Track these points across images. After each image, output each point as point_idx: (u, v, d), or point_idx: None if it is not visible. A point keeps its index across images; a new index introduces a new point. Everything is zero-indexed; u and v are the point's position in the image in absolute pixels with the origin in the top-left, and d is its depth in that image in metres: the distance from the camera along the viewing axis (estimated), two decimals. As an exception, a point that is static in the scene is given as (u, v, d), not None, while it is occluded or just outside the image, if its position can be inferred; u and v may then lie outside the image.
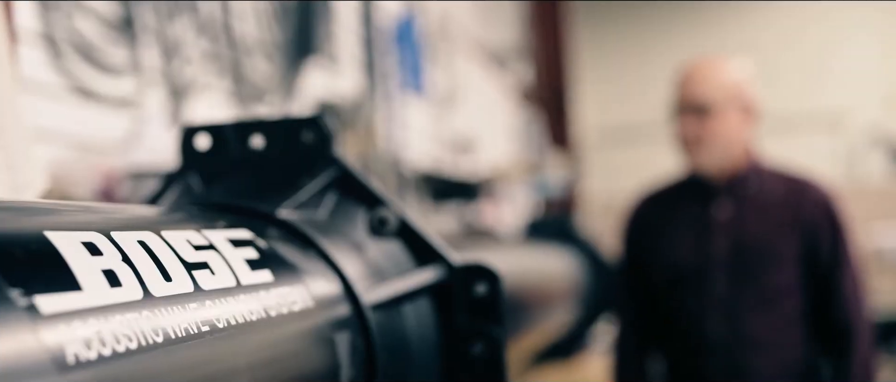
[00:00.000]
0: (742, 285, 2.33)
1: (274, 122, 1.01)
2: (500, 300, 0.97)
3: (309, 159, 1.00)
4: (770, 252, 2.32)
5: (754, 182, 2.38)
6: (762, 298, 2.32)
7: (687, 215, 2.45)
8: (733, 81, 2.35)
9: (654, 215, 2.54)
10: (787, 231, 2.33)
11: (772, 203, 2.36)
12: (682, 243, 2.42)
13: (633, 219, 2.60)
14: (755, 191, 2.37)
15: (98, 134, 1.90)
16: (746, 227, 2.35)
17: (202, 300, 0.62)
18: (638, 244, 2.55)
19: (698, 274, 2.37)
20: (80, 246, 0.55)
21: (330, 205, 0.98)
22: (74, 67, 1.83)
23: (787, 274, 2.32)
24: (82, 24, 1.86)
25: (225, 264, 0.69)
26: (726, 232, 2.36)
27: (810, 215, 2.33)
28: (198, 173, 1.01)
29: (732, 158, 2.37)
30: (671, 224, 2.48)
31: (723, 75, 2.35)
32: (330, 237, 0.91)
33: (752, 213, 2.36)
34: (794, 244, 2.32)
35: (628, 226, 2.63)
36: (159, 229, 0.66)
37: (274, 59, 2.73)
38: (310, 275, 0.82)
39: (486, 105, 5.66)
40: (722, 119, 2.32)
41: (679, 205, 2.48)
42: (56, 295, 0.49)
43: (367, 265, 0.94)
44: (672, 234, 2.45)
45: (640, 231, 2.56)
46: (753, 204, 2.36)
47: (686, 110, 2.34)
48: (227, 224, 0.79)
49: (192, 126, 1.03)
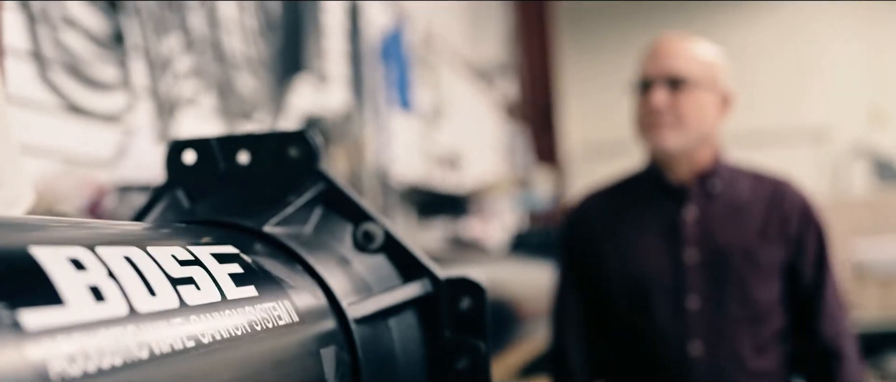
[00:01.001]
0: (719, 300, 2.04)
1: (260, 137, 1.02)
2: (485, 314, 0.97)
3: (295, 173, 1.00)
4: (751, 263, 2.05)
5: (727, 181, 2.12)
6: (744, 315, 2.04)
7: (650, 217, 2.13)
8: (711, 60, 2.11)
9: (607, 217, 2.18)
10: (769, 239, 2.07)
11: (747, 206, 2.10)
12: (646, 249, 2.10)
13: (579, 221, 2.23)
14: (729, 191, 2.11)
15: (86, 149, 1.90)
16: (721, 233, 2.07)
17: (187, 316, 0.62)
18: (587, 251, 2.18)
19: (666, 288, 2.06)
20: (65, 261, 0.55)
21: (316, 220, 0.99)
22: (62, 83, 1.83)
23: (771, 288, 2.06)
24: (70, 39, 1.86)
25: (210, 279, 0.69)
26: (698, 238, 2.07)
27: (793, 221, 2.09)
28: (184, 188, 1.01)
29: (702, 147, 2.09)
30: (631, 227, 2.14)
31: (701, 51, 2.11)
32: (315, 252, 0.92)
33: (726, 216, 2.09)
34: (777, 254, 2.07)
35: (572, 230, 2.25)
36: (145, 245, 0.66)
37: (262, 74, 2.73)
38: (295, 290, 0.82)
39: (472, 120, 5.68)
40: (697, 96, 2.05)
41: (639, 204, 2.16)
42: (40, 311, 0.49)
43: (352, 280, 0.94)
44: (632, 239, 2.12)
45: (588, 236, 2.19)
46: (728, 206, 2.10)
47: (658, 82, 2.05)
48: (213, 240, 0.80)
49: (179, 141, 1.03)
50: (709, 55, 2.11)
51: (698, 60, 2.08)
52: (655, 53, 2.11)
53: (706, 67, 2.08)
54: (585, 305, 2.18)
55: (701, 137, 2.07)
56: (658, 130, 2.06)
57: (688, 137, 2.06)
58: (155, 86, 2.15)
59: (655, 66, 2.08)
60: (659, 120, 2.05)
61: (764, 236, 2.07)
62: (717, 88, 2.09)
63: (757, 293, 2.05)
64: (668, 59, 2.07)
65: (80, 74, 1.88)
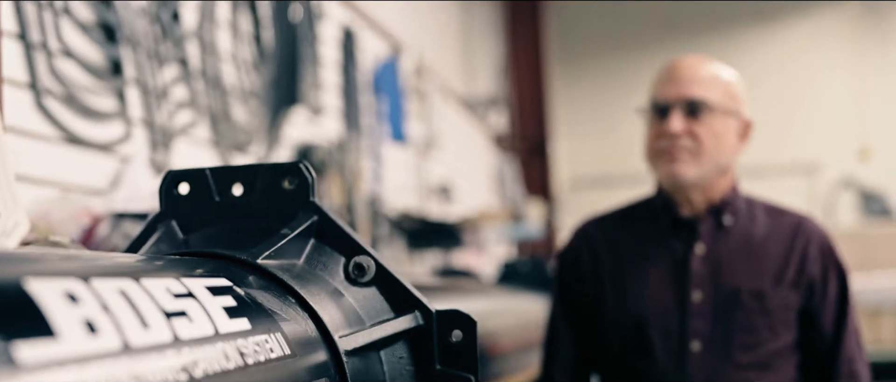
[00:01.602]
0: (727, 345, 1.88)
1: (253, 168, 1.03)
2: (476, 347, 0.98)
3: (288, 205, 1.01)
4: (762, 307, 1.88)
5: (741, 214, 1.95)
6: (750, 363, 1.88)
7: (655, 250, 1.97)
8: (731, 84, 1.94)
9: (608, 248, 2.02)
10: (785, 282, 1.90)
11: (762, 244, 1.93)
12: (648, 287, 1.94)
13: (577, 250, 2.07)
14: (743, 226, 1.95)
15: (82, 178, 1.91)
16: (732, 272, 1.91)
17: (180, 349, 0.62)
18: (585, 283, 2.03)
19: (667, 330, 1.91)
20: (60, 294, 0.55)
21: (308, 252, 1.00)
22: (59, 112, 1.84)
23: (782, 335, 1.89)
24: (68, 69, 1.87)
25: (203, 312, 0.70)
26: (706, 277, 1.91)
27: (813, 262, 1.92)
28: (178, 219, 1.02)
29: (718, 177, 1.93)
30: (633, 261, 1.98)
31: (721, 74, 1.94)
32: (307, 285, 0.93)
33: (739, 254, 1.92)
34: (792, 299, 1.90)
35: (569, 260, 2.08)
36: (139, 277, 0.67)
37: (257, 105, 2.75)
38: (287, 322, 0.83)
39: (464, 152, 5.71)
40: (717, 123, 1.89)
41: (643, 236, 2.00)
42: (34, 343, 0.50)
43: (344, 312, 0.95)
44: (634, 274, 1.97)
45: (586, 268, 2.03)
46: (741, 243, 1.93)
47: (675, 107, 1.88)
48: (206, 272, 0.80)
49: (174, 172, 1.04)
50: (729, 79, 1.95)
51: (719, 84, 1.92)
52: (672, 76, 1.93)
53: (727, 92, 1.92)
54: (577, 339, 2.04)
55: (719, 167, 1.91)
56: (674, 159, 1.89)
57: (705, 168, 1.89)
58: (150, 116, 2.16)
59: (673, 89, 1.91)
60: (675, 148, 1.88)
61: (779, 277, 1.90)
62: (737, 114, 1.93)
63: (766, 341, 1.88)
64: (687, 82, 1.90)
65: (77, 103, 1.89)
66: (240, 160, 2.57)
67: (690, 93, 1.89)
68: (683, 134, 1.87)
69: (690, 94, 1.89)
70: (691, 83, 1.90)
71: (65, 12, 1.85)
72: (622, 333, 1.95)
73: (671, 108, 1.89)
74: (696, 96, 1.88)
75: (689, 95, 1.88)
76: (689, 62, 1.95)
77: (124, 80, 2.05)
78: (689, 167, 1.88)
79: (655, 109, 1.93)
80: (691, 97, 1.88)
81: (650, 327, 1.91)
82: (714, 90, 1.90)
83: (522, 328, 2.42)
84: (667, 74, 1.95)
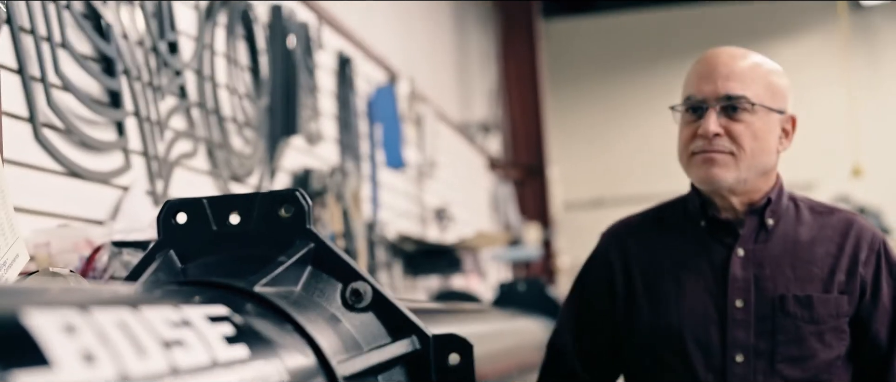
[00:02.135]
0: (771, 360, 1.71)
1: (249, 197, 1.04)
2: (473, 371, 0.99)
3: (285, 233, 1.02)
4: (810, 315, 1.72)
5: (786, 215, 1.79)
6: (798, 377, 1.71)
7: (690, 255, 1.80)
8: (775, 78, 1.77)
9: (639, 256, 1.85)
10: (835, 287, 1.73)
11: (809, 246, 1.76)
12: (683, 295, 1.77)
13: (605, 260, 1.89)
14: (787, 228, 1.78)
15: (82, 209, 1.92)
16: (776, 278, 1.74)
17: (178, 378, 0.63)
18: (613, 298, 1.85)
19: (705, 343, 1.74)
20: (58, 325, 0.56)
21: (305, 279, 1.01)
22: (58, 144, 1.85)
23: (833, 346, 1.72)
24: (66, 101, 1.88)
25: (201, 340, 0.70)
26: (747, 283, 1.74)
27: (866, 264, 1.74)
28: (177, 248, 1.03)
29: (759, 180, 1.76)
30: (666, 267, 1.81)
31: (763, 67, 1.76)
32: (305, 311, 0.94)
33: (783, 258, 1.75)
34: (843, 306, 1.73)
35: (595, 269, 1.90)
36: (137, 307, 0.68)
37: (255, 134, 2.76)
38: (285, 349, 0.84)
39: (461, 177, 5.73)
40: (759, 122, 1.72)
41: (677, 239, 1.83)
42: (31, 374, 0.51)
43: (341, 338, 0.96)
44: (667, 281, 1.80)
45: (616, 280, 1.85)
46: (785, 246, 1.76)
47: (712, 105, 1.71)
48: (204, 300, 0.81)
49: (172, 202, 1.05)
50: (771, 71, 1.77)
51: (760, 79, 1.74)
52: (708, 70, 1.75)
53: (769, 87, 1.74)
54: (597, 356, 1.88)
55: (760, 169, 1.74)
56: (710, 162, 1.71)
57: (745, 171, 1.71)
58: (149, 147, 2.18)
59: (711, 85, 1.72)
60: (713, 150, 1.71)
61: (828, 282, 1.74)
62: (783, 115, 1.76)
63: (816, 352, 1.72)
64: (724, 77, 1.72)
65: (75, 135, 1.90)
66: (238, 189, 2.58)
67: (728, 89, 1.71)
68: (721, 135, 1.70)
69: (728, 90, 1.71)
70: (729, 78, 1.72)
71: (62, 46, 1.87)
72: (657, 347, 1.78)
73: (707, 106, 1.72)
74: (735, 93, 1.70)
75: (727, 92, 1.71)
76: (727, 54, 1.76)
77: (123, 111, 2.06)
78: (727, 171, 1.71)
79: (689, 108, 1.75)
80: (729, 94, 1.70)
81: (688, 339, 1.75)
82: (754, 86, 1.72)
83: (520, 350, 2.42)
84: (702, 68, 1.76)
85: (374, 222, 3.69)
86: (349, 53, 3.67)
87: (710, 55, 1.77)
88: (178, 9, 2.37)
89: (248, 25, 2.78)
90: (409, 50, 4.90)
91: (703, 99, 1.72)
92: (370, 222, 3.65)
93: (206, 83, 2.50)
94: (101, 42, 2.00)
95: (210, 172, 2.51)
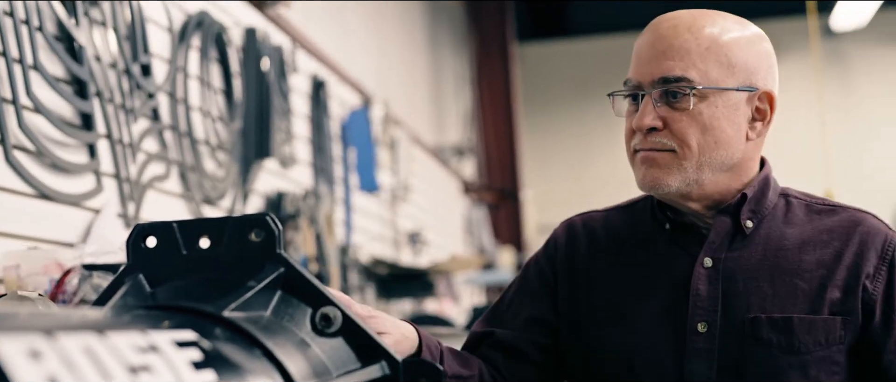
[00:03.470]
0: None
1: (220, 221, 1.04)
2: (442, 396, 0.99)
3: (255, 257, 1.02)
4: (792, 343, 1.32)
5: (768, 214, 1.39)
6: None
7: (648, 265, 1.42)
8: (735, 51, 1.34)
9: (590, 258, 1.47)
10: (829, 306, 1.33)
11: (797, 253, 1.36)
12: (638, 314, 1.39)
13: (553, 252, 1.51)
14: (769, 230, 1.38)
15: (53, 232, 1.90)
16: (749, 293, 1.34)
17: (144, 403, 0.63)
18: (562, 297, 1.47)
19: (661, 372, 1.36)
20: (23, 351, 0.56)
21: (275, 304, 1.01)
22: (29, 166, 1.84)
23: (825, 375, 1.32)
24: (38, 123, 1.88)
25: (168, 366, 0.70)
26: (714, 300, 1.35)
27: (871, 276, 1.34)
28: (146, 273, 1.03)
29: (724, 177, 1.36)
30: (620, 278, 1.43)
31: (714, 38, 1.33)
32: (274, 336, 0.93)
33: (760, 269, 1.35)
34: (837, 329, 1.32)
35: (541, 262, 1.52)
36: (104, 332, 0.67)
37: (227, 157, 2.76)
38: (253, 375, 0.83)
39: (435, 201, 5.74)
40: (708, 111, 1.32)
41: (636, 244, 1.45)
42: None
43: (310, 363, 0.96)
44: (620, 295, 1.42)
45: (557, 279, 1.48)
46: (765, 253, 1.36)
47: (648, 89, 1.34)
48: (172, 325, 0.81)
49: (142, 225, 1.05)
50: (733, 42, 1.34)
51: (713, 52, 1.32)
52: (645, 46, 1.36)
53: (726, 61, 1.33)
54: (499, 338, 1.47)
55: (719, 165, 1.34)
56: (649, 162, 1.34)
57: (696, 172, 1.33)
58: (121, 170, 2.17)
59: (645, 66, 1.34)
60: (650, 149, 1.34)
61: (816, 300, 1.33)
62: (746, 88, 1.35)
63: None
64: (663, 54, 1.33)
65: (47, 157, 1.89)
66: (211, 212, 2.57)
67: (664, 71, 1.32)
68: (658, 129, 1.33)
69: (664, 72, 1.32)
70: (665, 56, 1.32)
71: (34, 68, 1.86)
72: (601, 372, 1.41)
73: (643, 93, 1.35)
74: (672, 74, 1.31)
75: (663, 74, 1.32)
76: (670, 24, 1.35)
77: (95, 133, 2.06)
78: (668, 175, 1.33)
79: (628, 95, 1.39)
80: (664, 76, 1.32)
81: (639, 371, 1.37)
82: (702, 62, 1.31)
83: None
84: (640, 43, 1.38)
85: (347, 245, 3.68)
86: (323, 77, 3.68)
87: (651, 25, 1.38)
88: (152, 31, 2.36)
89: (222, 48, 2.78)
90: (383, 74, 4.91)
91: (637, 84, 1.36)
92: (343, 245, 3.64)
93: (179, 106, 2.49)
94: (74, 64, 1.99)
95: (182, 194, 2.50)
